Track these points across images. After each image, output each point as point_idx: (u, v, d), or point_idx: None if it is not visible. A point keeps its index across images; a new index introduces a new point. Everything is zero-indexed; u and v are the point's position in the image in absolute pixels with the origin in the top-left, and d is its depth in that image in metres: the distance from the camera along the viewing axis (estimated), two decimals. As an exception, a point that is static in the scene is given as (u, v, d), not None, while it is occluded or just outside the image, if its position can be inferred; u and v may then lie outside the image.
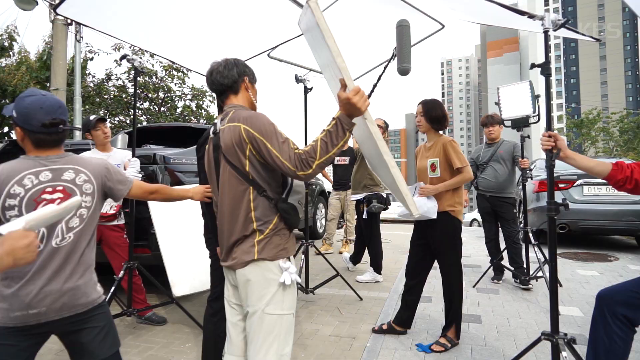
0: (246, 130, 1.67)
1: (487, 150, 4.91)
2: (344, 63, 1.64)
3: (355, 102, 1.59)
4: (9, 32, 12.38)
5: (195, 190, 2.17)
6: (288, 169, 1.62)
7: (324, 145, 1.59)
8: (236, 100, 1.88)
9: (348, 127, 1.60)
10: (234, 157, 1.71)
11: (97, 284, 1.77)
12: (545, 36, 2.34)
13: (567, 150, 2.22)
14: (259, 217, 1.72)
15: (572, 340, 2.21)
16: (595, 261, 5.73)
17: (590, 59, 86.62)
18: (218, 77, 1.84)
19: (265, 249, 1.71)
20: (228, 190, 1.75)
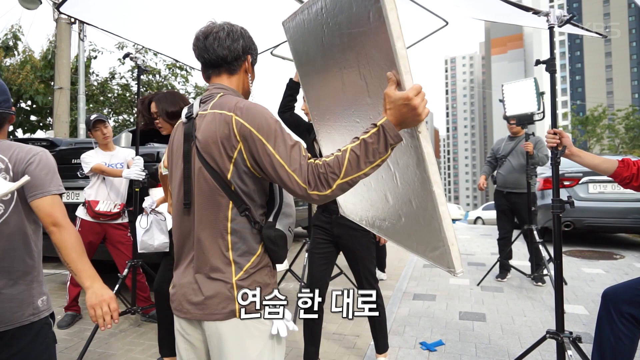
0: (239, 123, 1.22)
1: (508, 144, 4.88)
2: (405, 50, 1.17)
3: (416, 105, 1.11)
4: (13, 32, 12.43)
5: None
6: (296, 184, 1.16)
7: (354, 159, 1.13)
8: (229, 82, 1.40)
9: (394, 140, 1.13)
10: (213, 157, 1.25)
11: (34, 297, 1.48)
12: (550, 32, 2.32)
13: (573, 147, 2.21)
14: (238, 245, 1.27)
15: (578, 339, 2.20)
16: (601, 259, 5.70)
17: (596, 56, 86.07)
18: (216, 44, 1.35)
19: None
20: (201, 201, 1.28)
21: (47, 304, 1.53)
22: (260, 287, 1.27)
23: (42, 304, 1.50)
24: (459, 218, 17.27)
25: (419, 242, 1.47)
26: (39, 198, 1.47)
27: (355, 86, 1.52)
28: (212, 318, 1.25)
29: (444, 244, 1.28)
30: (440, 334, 3.29)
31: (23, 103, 13.09)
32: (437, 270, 5.36)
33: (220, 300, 1.25)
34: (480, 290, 4.43)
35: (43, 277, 1.56)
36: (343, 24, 1.44)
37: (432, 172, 1.23)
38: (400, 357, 2.91)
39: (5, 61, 12.31)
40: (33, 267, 1.50)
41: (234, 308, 1.24)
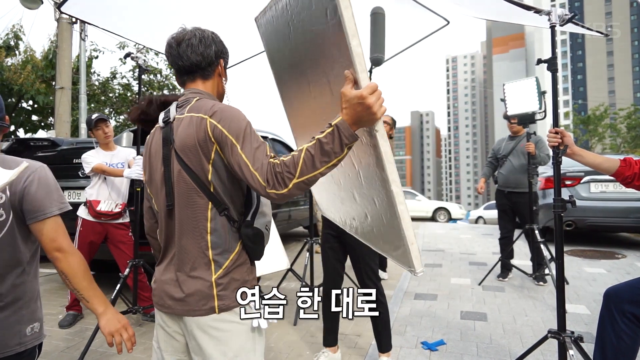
0: (213, 125, 1.26)
1: (509, 144, 4.88)
2: (360, 48, 1.17)
3: (371, 104, 1.12)
4: (14, 31, 12.45)
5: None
6: (257, 182, 1.18)
7: (309, 159, 1.14)
8: (203, 87, 1.43)
9: (349, 140, 1.14)
10: (193, 160, 1.29)
11: (23, 325, 1.38)
12: (552, 31, 2.32)
13: (574, 146, 2.20)
14: (217, 244, 1.31)
15: (579, 339, 2.20)
16: (603, 259, 5.69)
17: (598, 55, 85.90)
18: (189, 51, 1.38)
19: (227, 292, 1.31)
20: (179, 202, 1.33)
21: (39, 332, 1.43)
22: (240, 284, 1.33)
23: (30, 332, 1.39)
24: (461, 217, 17.23)
25: (385, 241, 1.48)
26: (40, 221, 1.36)
27: (320, 85, 1.52)
28: (192, 314, 1.31)
29: (404, 243, 1.28)
30: (442, 333, 3.29)
31: (24, 103, 13.12)
32: (439, 269, 5.36)
33: (200, 298, 1.30)
34: (481, 290, 4.42)
35: (39, 302, 1.45)
36: (306, 21, 1.44)
37: (390, 171, 1.23)
38: (401, 357, 2.91)
39: (7, 61, 12.32)
40: (24, 293, 1.37)
41: (213, 305, 1.30)
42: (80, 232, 3.55)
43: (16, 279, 1.35)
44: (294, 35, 1.58)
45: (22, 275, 1.37)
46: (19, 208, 1.34)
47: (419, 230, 8.95)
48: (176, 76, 1.47)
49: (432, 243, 7.39)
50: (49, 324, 3.58)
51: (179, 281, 1.34)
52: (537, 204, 4.90)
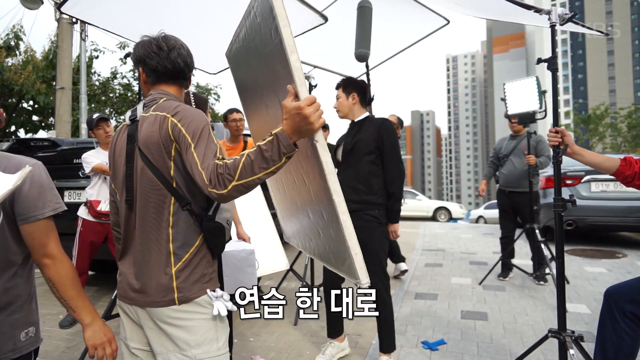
0: (174, 124, 1.32)
1: (510, 143, 4.87)
2: (299, 63, 1.26)
3: (308, 115, 1.18)
4: (15, 32, 12.45)
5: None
6: (202, 180, 1.23)
7: (248, 163, 1.18)
8: (174, 91, 1.51)
9: (287, 150, 1.18)
10: (156, 156, 1.34)
11: (17, 330, 1.30)
12: (552, 31, 2.31)
13: (575, 145, 2.20)
14: (178, 237, 1.36)
15: (580, 338, 2.20)
16: (603, 258, 5.68)
17: (598, 54, 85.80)
18: (179, 59, 1.47)
19: (187, 284, 1.36)
20: (143, 197, 1.37)
21: (35, 336, 1.35)
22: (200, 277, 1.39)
23: (25, 337, 1.31)
24: (461, 217, 17.23)
25: (334, 256, 1.49)
26: (31, 222, 1.27)
27: (273, 106, 1.57)
28: (153, 305, 1.36)
29: (349, 254, 1.29)
30: (442, 333, 3.29)
31: (25, 103, 13.12)
32: (439, 269, 5.36)
33: (161, 290, 1.35)
34: (482, 290, 4.42)
35: (35, 305, 1.39)
36: (259, 45, 1.52)
37: (331, 181, 1.26)
38: (402, 357, 2.91)
39: (7, 61, 12.33)
40: (17, 296, 1.30)
41: (173, 297, 1.35)
42: (80, 233, 3.55)
43: (8, 281, 1.27)
44: (252, 61, 1.64)
45: (14, 277, 1.29)
46: (9, 208, 1.25)
47: (420, 230, 8.95)
48: (150, 75, 1.49)
49: (432, 243, 7.39)
50: (49, 324, 3.58)
51: (140, 273, 1.39)
52: (538, 203, 4.90)
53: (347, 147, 2.73)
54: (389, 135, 2.69)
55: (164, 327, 1.37)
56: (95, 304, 4.11)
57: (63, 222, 4.24)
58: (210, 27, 3.28)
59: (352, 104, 2.77)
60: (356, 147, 2.69)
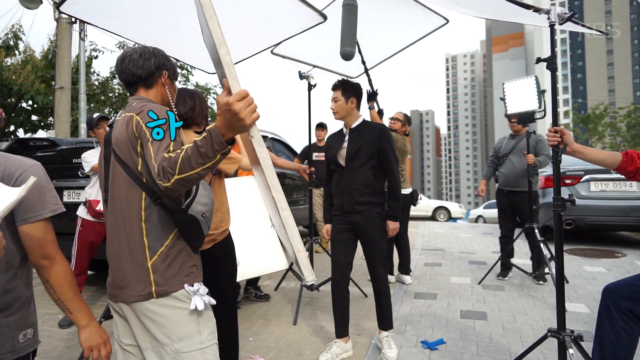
0: (137, 121, 1.38)
1: (510, 142, 4.87)
2: (229, 56, 1.21)
3: (237, 111, 1.15)
4: (14, 31, 12.43)
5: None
6: (154, 172, 1.28)
7: (186, 158, 1.20)
8: (146, 95, 1.56)
9: (219, 147, 1.19)
10: (125, 154, 1.41)
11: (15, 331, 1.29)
12: (551, 30, 2.31)
13: (574, 144, 2.20)
14: (151, 231, 1.40)
15: (579, 337, 2.20)
16: (603, 257, 5.69)
17: (597, 54, 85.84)
18: (131, 65, 1.52)
19: (163, 278, 1.39)
20: (117, 195, 1.44)
21: (33, 337, 1.34)
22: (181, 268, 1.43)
23: (24, 339, 1.30)
24: (460, 216, 17.22)
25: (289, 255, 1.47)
26: (31, 223, 1.26)
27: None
28: (132, 300, 1.41)
29: (293, 250, 1.28)
30: (442, 332, 3.29)
31: (24, 103, 13.10)
32: (438, 269, 5.36)
33: (139, 283, 1.40)
34: (481, 289, 4.42)
35: (33, 306, 1.37)
36: (205, 40, 1.52)
37: (270, 177, 1.24)
38: (401, 356, 2.91)
39: (6, 61, 12.31)
40: (16, 298, 1.29)
41: (150, 290, 1.39)
42: (80, 232, 3.54)
43: (7, 283, 1.27)
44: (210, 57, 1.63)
45: (14, 279, 1.28)
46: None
47: (419, 229, 8.95)
48: (127, 91, 1.61)
49: (432, 242, 7.39)
50: (49, 323, 3.58)
51: (119, 269, 1.45)
52: (537, 203, 4.89)
53: (351, 152, 2.88)
54: (389, 142, 2.89)
55: (145, 322, 1.41)
56: (94, 303, 4.10)
57: (62, 222, 4.24)
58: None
59: (351, 108, 2.90)
60: (360, 152, 2.86)
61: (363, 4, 3.55)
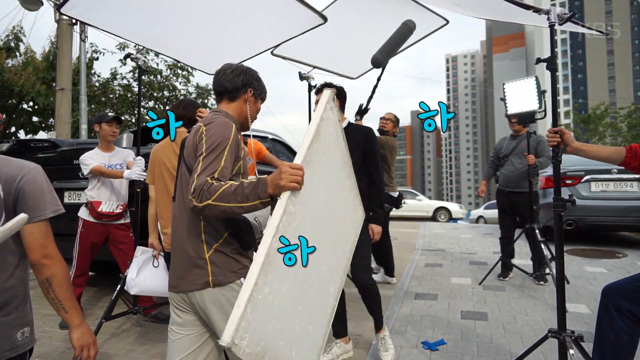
0: (202, 132, 1.54)
1: (510, 143, 4.87)
2: (307, 143, 1.50)
3: (283, 172, 1.35)
4: (15, 33, 12.46)
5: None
6: (190, 187, 1.41)
7: (228, 191, 1.35)
8: (227, 108, 1.75)
9: (261, 196, 1.35)
10: (190, 159, 1.57)
11: (14, 329, 1.33)
12: (551, 30, 2.32)
13: (575, 142, 2.19)
14: (208, 229, 1.55)
15: (580, 338, 2.19)
16: (603, 258, 5.68)
17: (598, 54, 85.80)
18: (222, 78, 1.74)
19: (219, 269, 1.53)
20: (182, 194, 1.61)
21: (30, 335, 1.38)
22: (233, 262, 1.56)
23: (22, 337, 1.34)
24: (461, 217, 17.22)
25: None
26: (33, 223, 1.31)
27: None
28: (191, 289, 1.54)
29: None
30: (442, 333, 3.29)
31: (25, 104, 13.12)
32: (439, 269, 5.36)
33: (197, 274, 1.53)
34: (482, 290, 4.42)
35: (29, 306, 1.41)
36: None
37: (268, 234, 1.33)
38: (402, 357, 2.91)
39: (7, 62, 12.33)
40: (13, 297, 1.32)
41: (207, 279, 1.52)
42: (81, 234, 3.55)
43: (5, 282, 1.30)
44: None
45: (11, 278, 1.32)
46: (12, 208, 1.29)
47: (420, 230, 8.96)
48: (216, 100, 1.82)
49: (432, 243, 7.39)
50: (49, 324, 3.58)
51: (181, 262, 1.58)
52: (537, 203, 4.89)
53: None
54: (375, 145, 2.89)
55: (204, 308, 1.54)
56: (95, 304, 4.11)
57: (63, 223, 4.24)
58: (209, 29, 3.28)
59: None
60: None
61: (363, 5, 3.56)
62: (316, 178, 1.58)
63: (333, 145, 1.78)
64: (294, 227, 1.41)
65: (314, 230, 1.53)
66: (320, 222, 1.61)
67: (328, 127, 1.70)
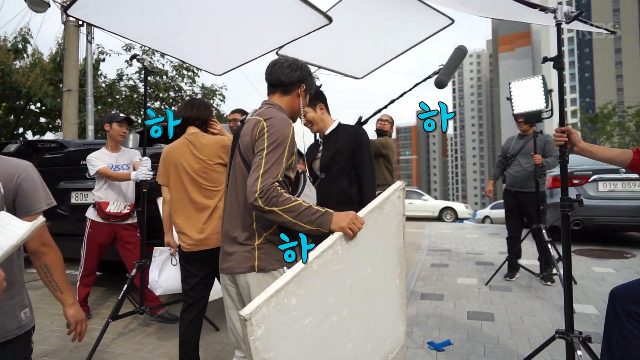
0: (263, 127, 1.62)
1: (518, 143, 4.85)
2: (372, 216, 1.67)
3: (345, 216, 1.54)
4: (22, 35, 12.56)
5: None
6: (255, 186, 1.51)
7: (297, 209, 1.51)
8: (280, 101, 1.82)
9: (323, 225, 1.52)
10: (247, 152, 1.66)
11: (18, 310, 1.47)
12: (557, 29, 2.30)
13: (582, 143, 2.17)
14: (260, 219, 1.65)
15: (588, 339, 2.17)
16: (611, 258, 5.64)
17: (605, 52, 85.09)
18: (278, 71, 1.79)
19: (266, 256, 1.65)
20: (237, 183, 1.71)
21: (31, 315, 1.53)
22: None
23: (25, 317, 1.49)
24: (467, 217, 17.15)
25: None
26: (32, 215, 1.44)
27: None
28: (238, 271, 1.68)
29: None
30: (448, 333, 3.28)
31: (33, 105, 13.23)
32: (445, 269, 5.34)
33: (244, 258, 1.66)
34: (488, 290, 4.40)
35: (25, 289, 1.54)
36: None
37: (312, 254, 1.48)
38: (408, 357, 2.90)
39: (15, 64, 12.43)
40: (15, 281, 1.46)
41: (253, 264, 1.65)
42: (89, 234, 3.57)
43: (8, 269, 1.42)
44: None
45: (12, 265, 1.45)
46: (11, 204, 1.43)
47: (425, 230, 8.93)
48: (267, 91, 1.86)
49: (438, 243, 7.36)
50: (58, 323, 3.61)
51: (231, 246, 1.70)
52: (544, 203, 4.86)
53: (325, 161, 2.67)
54: (365, 143, 2.69)
55: (247, 290, 1.66)
56: (103, 304, 4.13)
57: (69, 223, 4.27)
58: (215, 29, 3.29)
59: (322, 114, 2.73)
60: (335, 159, 2.65)
61: (368, 5, 3.55)
62: (369, 245, 1.68)
63: (392, 231, 1.83)
64: (335, 269, 1.51)
65: (349, 291, 1.60)
66: (356, 291, 1.65)
67: (391, 211, 1.79)
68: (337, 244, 1.52)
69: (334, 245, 1.51)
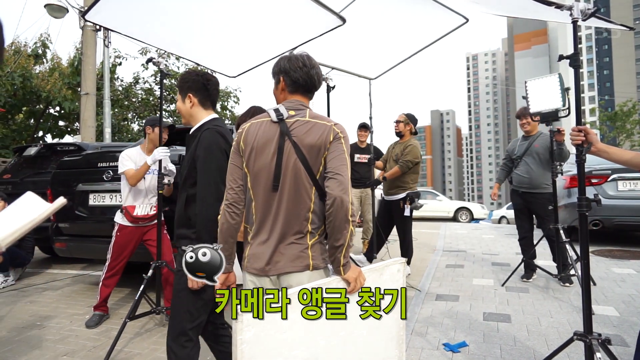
0: (336, 132, 1.68)
1: (522, 144, 4.80)
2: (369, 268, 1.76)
3: (359, 274, 1.66)
4: (42, 40, 12.84)
5: None
6: (343, 181, 1.62)
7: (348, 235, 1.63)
8: (307, 102, 1.84)
9: (345, 269, 1.64)
10: (312, 155, 1.66)
11: None
12: (574, 27, 2.26)
13: (599, 143, 2.14)
14: (314, 220, 1.70)
15: (607, 341, 2.13)
16: (632, 259, 5.52)
17: (625, 49, 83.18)
18: (317, 77, 1.82)
19: (317, 255, 1.71)
20: (291, 185, 1.67)
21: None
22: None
23: None
24: (483, 217, 16.94)
25: None
26: None
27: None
28: (289, 271, 1.68)
29: None
30: (464, 335, 3.25)
31: (52, 109, 13.51)
32: (460, 270, 5.29)
33: (299, 258, 1.69)
34: (504, 291, 4.34)
35: None
36: None
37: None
38: (423, 358, 2.89)
39: (35, 69, 12.73)
40: None
41: (308, 263, 1.69)
42: (117, 237, 3.64)
43: None
44: None
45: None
46: None
47: (440, 231, 8.86)
48: (292, 86, 1.79)
49: (453, 243, 7.30)
50: (76, 323, 3.68)
51: (282, 247, 1.69)
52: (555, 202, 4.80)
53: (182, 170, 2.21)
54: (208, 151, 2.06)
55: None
56: (122, 305, 4.20)
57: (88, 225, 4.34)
58: (230, 32, 3.32)
59: (190, 107, 2.20)
60: (182, 168, 2.18)
61: (383, 4, 3.55)
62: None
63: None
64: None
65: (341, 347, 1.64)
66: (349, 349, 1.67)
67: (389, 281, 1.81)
68: (340, 283, 1.64)
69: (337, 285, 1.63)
